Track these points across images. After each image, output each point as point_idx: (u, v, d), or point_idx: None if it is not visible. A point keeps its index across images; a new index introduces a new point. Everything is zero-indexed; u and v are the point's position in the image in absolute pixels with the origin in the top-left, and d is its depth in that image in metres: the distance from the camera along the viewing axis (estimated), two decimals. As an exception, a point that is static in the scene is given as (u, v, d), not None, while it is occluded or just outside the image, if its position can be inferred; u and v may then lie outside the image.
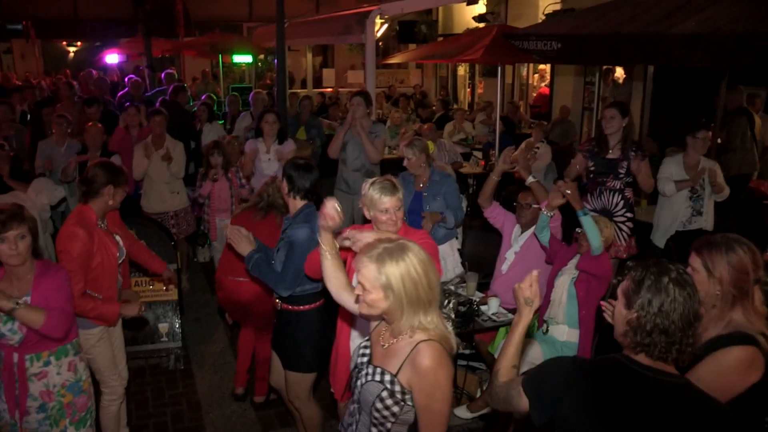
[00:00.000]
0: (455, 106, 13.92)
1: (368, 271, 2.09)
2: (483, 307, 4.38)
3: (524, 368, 4.04)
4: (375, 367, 2.20)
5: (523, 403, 2.03)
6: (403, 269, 2.06)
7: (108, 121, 7.26)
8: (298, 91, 15.43)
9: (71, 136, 6.71)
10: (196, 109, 8.90)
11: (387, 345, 2.20)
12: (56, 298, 2.87)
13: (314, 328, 3.58)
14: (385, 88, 15.94)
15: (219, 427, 4.40)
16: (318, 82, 18.26)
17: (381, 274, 2.06)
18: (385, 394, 2.13)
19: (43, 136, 6.95)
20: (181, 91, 8.79)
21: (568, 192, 4.03)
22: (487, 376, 4.65)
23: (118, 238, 3.63)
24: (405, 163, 4.85)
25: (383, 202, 3.04)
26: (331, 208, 2.61)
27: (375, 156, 6.06)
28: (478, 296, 4.56)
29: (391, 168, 5.59)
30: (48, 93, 11.72)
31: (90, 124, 6.32)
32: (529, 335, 4.37)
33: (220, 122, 8.94)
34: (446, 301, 4.15)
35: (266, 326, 4.20)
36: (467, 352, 4.99)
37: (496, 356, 4.20)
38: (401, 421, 2.15)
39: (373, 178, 3.16)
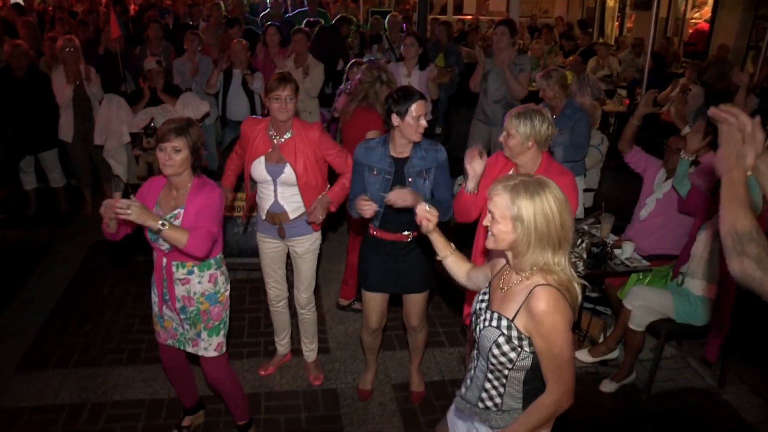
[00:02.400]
0: (601, 40, 13.15)
1: (501, 199, 2.03)
2: (616, 251, 4.24)
3: (652, 318, 3.94)
4: (492, 312, 2.16)
5: None
6: (537, 204, 1.98)
7: (250, 40, 7.48)
8: (438, 17, 15.12)
9: (204, 52, 6.98)
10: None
11: (506, 288, 2.15)
12: (204, 216, 2.98)
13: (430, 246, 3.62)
14: (528, 17, 15.28)
15: (341, 342, 4.61)
16: (458, 9, 17.80)
17: (514, 204, 2.00)
18: (501, 339, 2.09)
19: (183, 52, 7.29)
20: (345, 23, 8.87)
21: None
22: (612, 322, 4.54)
23: (287, 166, 3.60)
24: (540, 94, 4.77)
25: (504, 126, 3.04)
26: (423, 211, 2.56)
27: (520, 92, 5.86)
28: (612, 239, 4.41)
29: (532, 101, 5.39)
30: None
31: (235, 41, 6.55)
32: (662, 286, 4.21)
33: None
34: (579, 241, 4.04)
35: None
36: (594, 295, 4.88)
37: (624, 302, 4.09)
38: (518, 368, 2.12)
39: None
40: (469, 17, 15.94)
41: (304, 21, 8.78)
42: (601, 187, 5.48)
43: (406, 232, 3.48)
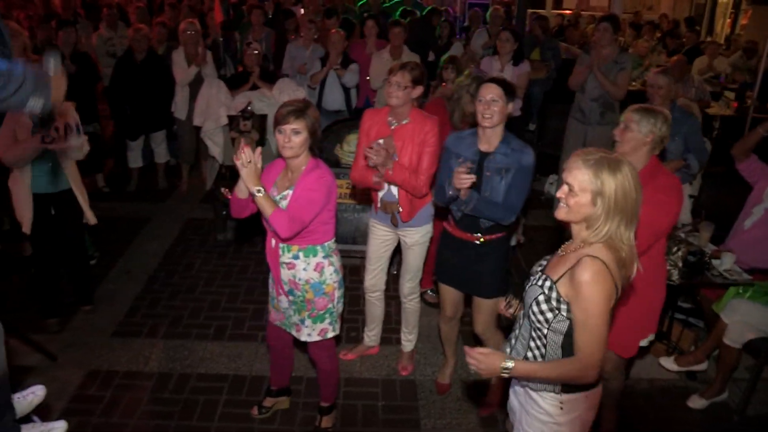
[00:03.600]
0: (709, 39, 12.50)
1: (582, 174, 2.09)
2: (715, 261, 4.03)
3: (752, 335, 3.73)
4: (542, 273, 2.27)
5: None
6: (619, 179, 2.06)
7: (347, 30, 7.54)
8: (538, 11, 14.79)
9: (316, 41, 7.10)
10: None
11: (563, 253, 2.25)
12: (300, 200, 3.00)
13: (507, 251, 3.56)
14: (631, 13, 14.72)
15: (423, 335, 4.53)
16: (558, 3, 17.38)
17: (597, 179, 2.06)
18: (541, 298, 2.20)
19: (285, 40, 7.41)
20: (435, 14, 8.90)
21: None
22: (704, 335, 4.33)
23: (394, 153, 3.61)
24: (650, 91, 4.49)
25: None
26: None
27: (618, 93, 5.65)
28: (710, 248, 4.19)
29: (631, 101, 5.18)
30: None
31: (333, 31, 6.62)
32: (764, 302, 3.97)
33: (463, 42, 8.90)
34: (675, 249, 3.87)
35: None
36: (687, 306, 4.66)
37: (721, 316, 3.89)
38: (554, 330, 2.21)
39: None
40: (568, 12, 15.53)
41: (400, 10, 8.79)
42: (702, 194, 5.22)
43: (477, 234, 3.41)
